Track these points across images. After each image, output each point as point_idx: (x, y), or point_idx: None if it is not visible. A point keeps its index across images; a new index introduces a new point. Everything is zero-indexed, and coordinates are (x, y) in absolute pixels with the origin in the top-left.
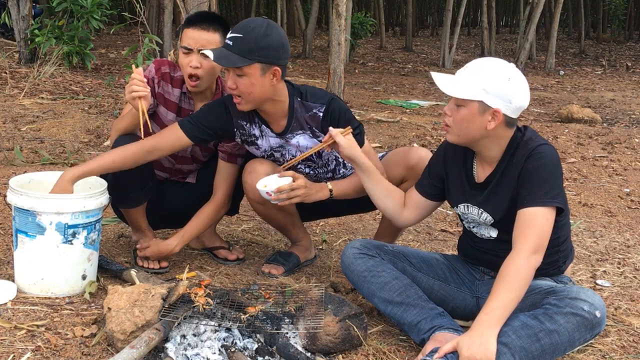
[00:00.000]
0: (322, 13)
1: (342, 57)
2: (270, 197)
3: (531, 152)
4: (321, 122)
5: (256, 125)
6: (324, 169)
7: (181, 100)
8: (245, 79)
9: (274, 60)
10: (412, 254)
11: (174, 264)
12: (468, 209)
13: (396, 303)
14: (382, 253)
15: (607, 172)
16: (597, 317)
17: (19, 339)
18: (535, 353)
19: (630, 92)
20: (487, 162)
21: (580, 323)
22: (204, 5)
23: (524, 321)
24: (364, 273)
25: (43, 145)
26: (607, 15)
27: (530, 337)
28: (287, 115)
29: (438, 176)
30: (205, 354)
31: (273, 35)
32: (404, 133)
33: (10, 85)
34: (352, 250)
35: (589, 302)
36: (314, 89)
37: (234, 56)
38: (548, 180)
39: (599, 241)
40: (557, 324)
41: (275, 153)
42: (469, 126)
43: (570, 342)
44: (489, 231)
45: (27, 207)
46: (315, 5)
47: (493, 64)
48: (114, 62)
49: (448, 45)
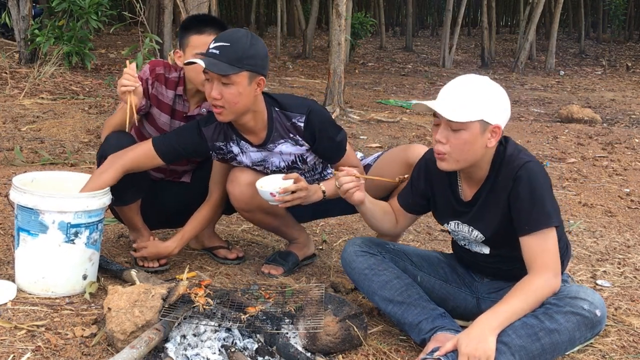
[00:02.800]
0: (322, 13)
1: (342, 57)
2: (274, 197)
3: (518, 173)
4: (303, 132)
5: (234, 142)
6: (311, 173)
7: (175, 102)
8: (233, 88)
9: (260, 70)
10: (413, 252)
11: (174, 264)
12: (458, 227)
13: (397, 302)
14: (384, 251)
15: (607, 172)
16: (598, 316)
17: (19, 339)
18: (536, 352)
19: (630, 92)
20: (472, 180)
21: (580, 322)
22: (204, 5)
23: (524, 320)
24: (365, 271)
25: (43, 145)
26: (607, 15)
27: (530, 336)
28: (266, 126)
29: (422, 195)
30: (205, 354)
31: (259, 44)
32: (404, 133)
33: (10, 85)
34: (354, 247)
35: (588, 300)
36: (291, 98)
37: (223, 64)
38: (543, 203)
39: (599, 241)
40: (557, 323)
41: (257, 167)
42: (471, 149)
43: (571, 341)
44: (480, 247)
45: (30, 205)
46: (315, 5)
47: (477, 81)
48: (114, 62)
49: (448, 45)
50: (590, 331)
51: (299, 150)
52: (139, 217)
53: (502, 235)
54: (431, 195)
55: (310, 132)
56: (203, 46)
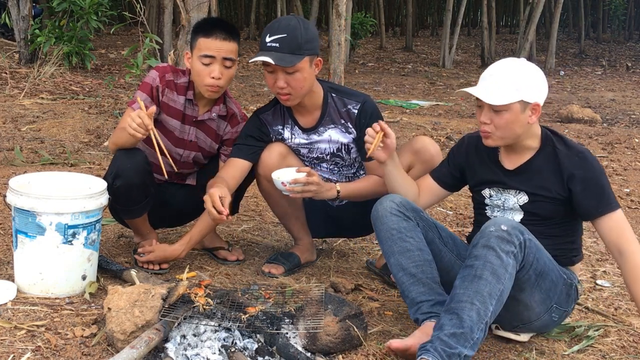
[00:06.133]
0: (322, 13)
1: (342, 57)
2: (284, 187)
3: (582, 157)
4: (355, 118)
5: (288, 127)
6: (347, 169)
7: (186, 107)
8: (298, 75)
9: (317, 51)
10: (443, 229)
11: (174, 264)
12: (501, 192)
13: (409, 274)
14: (418, 218)
15: (607, 172)
16: (504, 230)
17: (19, 339)
18: (486, 288)
19: (630, 92)
20: (515, 152)
21: (498, 244)
22: (204, 5)
23: (461, 275)
24: (392, 231)
25: (43, 146)
26: (607, 15)
27: (471, 280)
28: (320, 107)
29: (458, 167)
30: (205, 354)
31: (310, 27)
32: (404, 133)
33: (10, 85)
34: (390, 204)
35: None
36: (350, 88)
37: (287, 56)
38: (608, 187)
39: (599, 241)
40: (484, 259)
41: (302, 149)
42: (514, 127)
43: (507, 269)
44: (513, 215)
45: (27, 208)
46: (315, 5)
47: (516, 63)
48: (114, 62)
49: (448, 45)
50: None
51: (346, 139)
52: (147, 224)
53: (546, 205)
54: (466, 167)
55: (361, 120)
56: (209, 49)
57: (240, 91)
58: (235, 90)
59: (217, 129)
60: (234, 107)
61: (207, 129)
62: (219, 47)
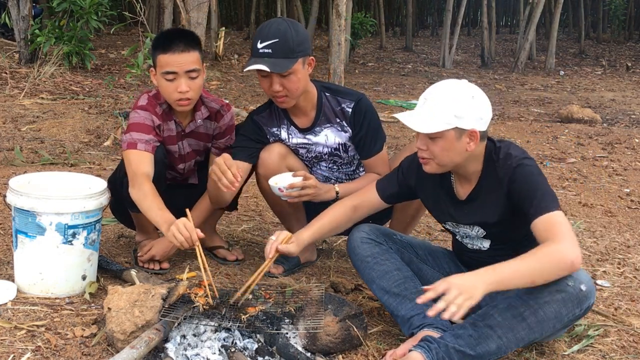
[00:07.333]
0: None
1: (342, 57)
2: (282, 193)
3: (515, 169)
4: (350, 117)
5: (284, 127)
6: (347, 167)
7: (177, 129)
8: (293, 77)
9: (309, 51)
10: (419, 245)
11: (174, 264)
12: (458, 226)
13: (393, 294)
14: (390, 241)
15: (607, 172)
16: (583, 291)
17: (19, 339)
18: (522, 332)
19: (630, 92)
20: (466, 179)
21: (565, 298)
22: (204, 5)
23: (510, 302)
24: (367, 258)
25: (43, 146)
26: (607, 15)
27: (516, 317)
28: (315, 107)
29: (409, 188)
30: (205, 354)
31: (300, 28)
32: (404, 133)
33: (10, 85)
34: (360, 234)
35: (572, 277)
36: (343, 87)
37: (281, 61)
38: (546, 189)
39: (599, 241)
40: (542, 301)
41: (300, 149)
42: (450, 154)
43: (558, 317)
44: (481, 242)
45: (27, 208)
46: (315, 5)
47: (452, 87)
48: (114, 62)
49: (448, 45)
50: (578, 307)
51: (343, 138)
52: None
53: (503, 228)
54: (420, 189)
55: (356, 118)
56: (168, 65)
57: (240, 91)
58: (235, 90)
59: (207, 130)
60: (213, 104)
61: (198, 135)
62: (179, 60)
